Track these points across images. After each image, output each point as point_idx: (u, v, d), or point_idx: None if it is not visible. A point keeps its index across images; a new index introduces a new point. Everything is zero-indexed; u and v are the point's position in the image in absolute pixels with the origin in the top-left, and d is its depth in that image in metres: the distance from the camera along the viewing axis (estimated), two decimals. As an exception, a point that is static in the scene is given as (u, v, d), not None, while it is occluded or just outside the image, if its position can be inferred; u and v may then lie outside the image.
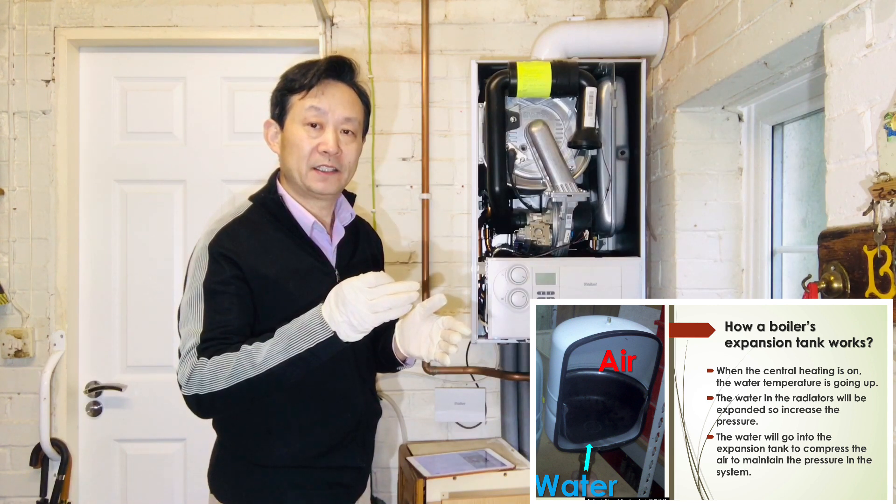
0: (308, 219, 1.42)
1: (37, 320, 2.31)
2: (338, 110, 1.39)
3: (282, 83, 1.42)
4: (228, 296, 1.30)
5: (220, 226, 1.38)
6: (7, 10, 2.31)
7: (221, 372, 1.21)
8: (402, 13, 2.36)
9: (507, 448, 2.18)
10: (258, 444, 1.39)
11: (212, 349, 1.25)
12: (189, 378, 1.24)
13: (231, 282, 1.30)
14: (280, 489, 1.39)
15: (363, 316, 1.16)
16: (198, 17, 2.33)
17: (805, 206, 1.84)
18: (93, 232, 2.42)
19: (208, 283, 1.30)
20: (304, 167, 1.39)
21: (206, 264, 1.31)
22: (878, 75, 1.11)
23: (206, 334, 1.27)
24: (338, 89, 1.41)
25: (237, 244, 1.34)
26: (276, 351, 1.20)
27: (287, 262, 1.37)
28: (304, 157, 1.38)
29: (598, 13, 2.37)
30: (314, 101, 1.38)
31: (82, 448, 2.41)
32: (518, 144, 2.09)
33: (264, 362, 1.20)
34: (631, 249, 2.10)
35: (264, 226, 1.40)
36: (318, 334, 1.19)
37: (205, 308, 1.29)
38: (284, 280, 1.35)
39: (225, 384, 1.21)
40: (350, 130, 1.42)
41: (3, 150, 2.31)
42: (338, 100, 1.40)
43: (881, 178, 1.07)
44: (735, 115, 2.01)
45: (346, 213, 1.52)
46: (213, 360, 1.23)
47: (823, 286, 1.22)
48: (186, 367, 1.25)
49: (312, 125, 1.38)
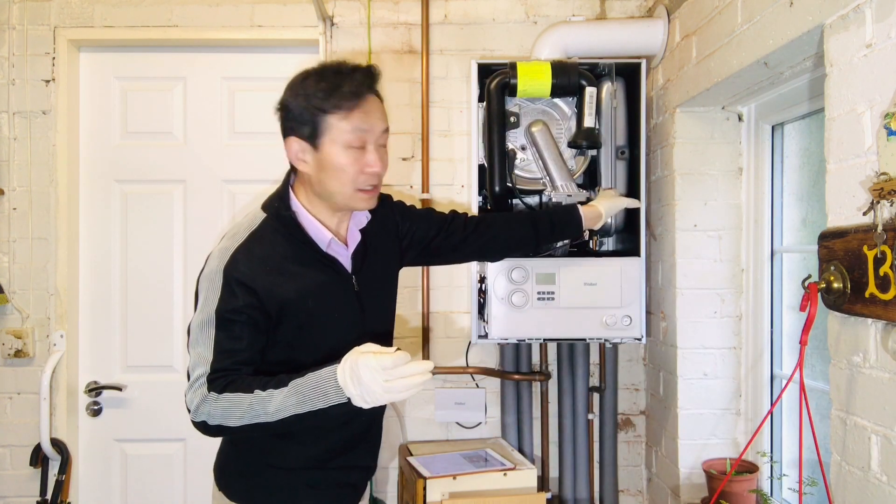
0: (325, 236, 1.37)
1: (37, 320, 2.31)
2: (377, 126, 1.33)
3: (313, 101, 1.30)
4: (240, 325, 1.28)
5: (234, 242, 1.33)
6: (7, 10, 2.31)
7: (233, 411, 1.23)
8: (402, 13, 2.36)
9: (507, 448, 2.18)
10: (274, 446, 1.39)
11: (221, 381, 1.25)
12: (198, 407, 1.25)
13: (244, 311, 1.28)
14: (294, 489, 1.40)
15: (377, 396, 1.16)
16: (198, 17, 2.33)
17: (805, 206, 1.84)
18: (93, 232, 2.42)
19: (221, 310, 1.28)
20: (349, 190, 1.33)
21: (220, 288, 1.29)
22: (878, 75, 1.11)
23: (215, 364, 1.26)
24: (373, 104, 1.34)
25: (252, 267, 1.30)
26: (288, 403, 1.20)
27: (304, 281, 1.34)
28: (351, 181, 1.32)
29: (598, 13, 2.37)
30: (360, 123, 1.30)
31: (82, 448, 2.41)
32: (518, 144, 2.09)
33: (277, 412, 1.21)
34: (631, 249, 2.09)
35: (279, 242, 1.35)
36: (331, 398, 1.19)
37: (216, 336, 1.28)
38: (303, 299, 1.33)
39: (237, 423, 1.23)
40: (384, 143, 1.37)
41: (3, 150, 2.31)
42: (376, 116, 1.34)
43: (881, 178, 1.07)
44: (735, 115, 2.01)
45: (361, 216, 1.47)
46: (225, 396, 1.23)
47: (823, 286, 1.22)
48: (196, 395, 1.26)
49: (356, 147, 1.31)
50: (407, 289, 2.34)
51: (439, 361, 2.33)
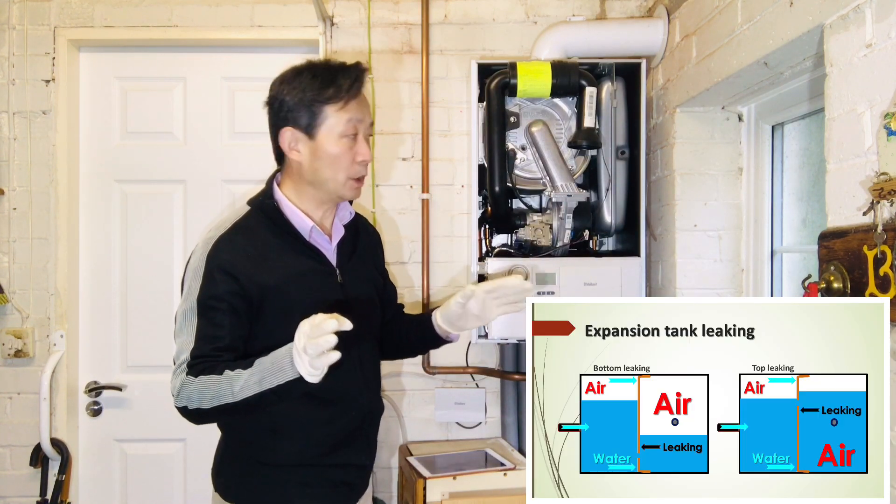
0: (306, 224, 1.41)
1: (37, 320, 2.31)
2: (366, 118, 1.42)
3: (311, 94, 1.37)
4: (221, 312, 1.31)
5: (218, 232, 1.38)
6: (7, 10, 2.31)
7: (205, 393, 1.25)
8: (402, 13, 2.36)
9: (507, 448, 2.18)
10: (264, 443, 1.39)
11: (200, 366, 1.28)
12: (179, 392, 1.29)
13: (225, 297, 1.31)
14: (287, 487, 1.39)
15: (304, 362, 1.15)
16: (198, 17, 2.33)
17: (805, 206, 1.84)
18: (93, 232, 2.42)
19: (202, 297, 1.31)
20: (342, 177, 1.40)
21: (202, 276, 1.32)
22: (878, 75, 1.11)
23: (196, 350, 1.30)
24: (363, 98, 1.43)
25: (234, 254, 1.34)
26: (251, 382, 1.22)
27: (286, 268, 1.37)
28: (345, 169, 1.39)
29: (598, 13, 2.37)
30: (354, 113, 1.38)
31: (82, 448, 2.41)
32: (518, 144, 2.09)
33: (240, 391, 1.22)
34: (631, 249, 2.10)
35: (262, 232, 1.40)
36: (287, 373, 1.18)
37: (198, 323, 1.31)
38: (285, 285, 1.36)
39: (209, 405, 1.25)
40: (370, 135, 1.44)
41: (3, 150, 2.30)
42: (365, 109, 1.42)
43: (881, 178, 1.07)
44: (735, 115, 2.01)
45: (345, 211, 1.52)
46: (200, 379, 1.26)
47: (823, 286, 1.22)
48: (177, 380, 1.29)
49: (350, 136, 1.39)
50: (406, 288, 2.34)
51: (439, 361, 2.33)
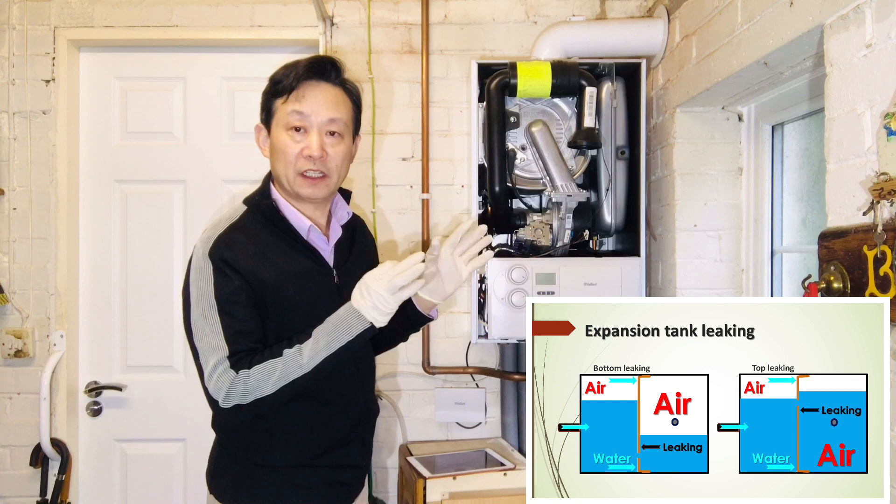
0: (304, 223, 1.40)
1: (37, 320, 2.31)
2: (321, 112, 1.36)
3: (267, 86, 1.40)
4: (241, 306, 1.30)
5: (216, 232, 1.36)
6: (7, 10, 2.31)
7: (268, 379, 1.25)
8: (402, 13, 2.36)
9: (507, 448, 2.18)
10: (259, 444, 1.39)
11: (245, 360, 1.27)
12: (228, 391, 1.26)
13: (241, 290, 1.30)
14: (281, 489, 1.39)
15: (385, 299, 1.27)
16: (198, 17, 2.34)
17: (805, 206, 1.84)
18: (93, 232, 2.42)
19: (220, 295, 1.29)
20: (291, 173, 1.37)
21: (212, 275, 1.30)
22: (878, 75, 1.11)
23: (232, 347, 1.28)
24: (320, 90, 1.37)
25: (235, 251, 1.33)
26: (319, 348, 1.27)
27: (285, 267, 1.36)
28: (291, 163, 1.36)
29: (598, 13, 2.37)
30: (296, 105, 1.35)
31: (82, 448, 2.41)
32: (518, 144, 2.09)
33: (310, 361, 1.26)
34: (631, 249, 2.09)
35: (260, 231, 1.38)
36: (355, 327, 1.28)
37: (222, 321, 1.29)
38: (283, 284, 1.35)
39: (272, 388, 1.26)
40: (336, 132, 1.39)
41: (3, 150, 2.31)
42: (321, 101, 1.37)
43: (881, 178, 1.07)
44: (735, 115, 2.01)
45: (342, 211, 1.51)
46: (256, 368, 1.26)
47: (823, 286, 1.22)
48: (222, 381, 1.26)
49: (296, 129, 1.36)
50: (407, 289, 2.34)
51: (439, 361, 2.34)
